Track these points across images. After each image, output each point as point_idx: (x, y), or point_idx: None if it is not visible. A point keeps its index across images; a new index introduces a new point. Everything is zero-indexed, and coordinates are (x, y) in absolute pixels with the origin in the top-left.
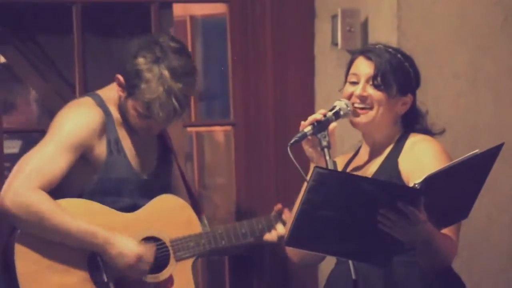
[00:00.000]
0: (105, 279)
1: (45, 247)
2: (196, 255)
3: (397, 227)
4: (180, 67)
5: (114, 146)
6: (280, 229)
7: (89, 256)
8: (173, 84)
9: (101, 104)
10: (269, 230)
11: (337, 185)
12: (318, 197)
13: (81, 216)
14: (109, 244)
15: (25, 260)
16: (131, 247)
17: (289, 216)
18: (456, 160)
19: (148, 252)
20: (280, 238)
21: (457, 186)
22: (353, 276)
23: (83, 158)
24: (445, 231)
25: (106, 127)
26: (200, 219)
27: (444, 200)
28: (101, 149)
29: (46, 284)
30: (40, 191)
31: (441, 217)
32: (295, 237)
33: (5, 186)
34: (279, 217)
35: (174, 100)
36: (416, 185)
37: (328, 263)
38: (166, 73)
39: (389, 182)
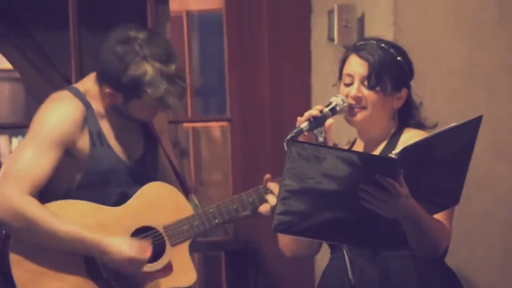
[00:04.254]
0: (105, 276)
1: (41, 253)
2: (192, 237)
3: (378, 201)
4: (163, 50)
5: (97, 138)
6: (272, 200)
7: (86, 259)
8: (169, 70)
9: (79, 96)
10: (261, 203)
11: (313, 158)
12: (297, 174)
13: (71, 217)
14: (101, 250)
15: (22, 268)
16: (123, 251)
17: (275, 185)
18: (434, 132)
19: (143, 250)
20: (273, 209)
21: (440, 164)
22: (350, 275)
23: (67, 153)
24: (436, 217)
25: (86, 119)
26: (189, 199)
27: (429, 180)
28: (84, 142)
29: None
30: (28, 196)
31: (430, 201)
32: (281, 221)
33: None
34: (268, 188)
35: (179, 82)
36: (393, 156)
37: (325, 258)
38: (158, 65)
39: (365, 153)
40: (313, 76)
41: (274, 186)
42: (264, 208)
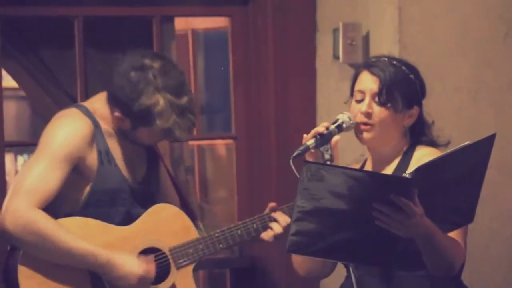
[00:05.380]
0: None
1: (48, 269)
2: (196, 260)
3: (393, 221)
4: (176, 82)
5: (105, 156)
6: (276, 228)
7: (92, 275)
8: (180, 102)
9: (88, 114)
10: (265, 229)
11: (326, 178)
12: (310, 194)
13: (78, 234)
14: (111, 266)
15: (30, 282)
16: (133, 269)
17: (279, 214)
18: (448, 150)
19: (149, 270)
20: (277, 237)
21: (454, 182)
22: None
23: (75, 170)
24: (451, 235)
25: (95, 137)
26: (194, 224)
27: (443, 199)
28: (92, 159)
29: None
30: (39, 210)
31: (445, 219)
32: (295, 242)
33: (3, 208)
34: (273, 217)
35: (189, 115)
36: (407, 175)
37: (330, 277)
38: (169, 97)
39: (379, 173)
40: (318, 93)
41: (278, 215)
42: (267, 235)
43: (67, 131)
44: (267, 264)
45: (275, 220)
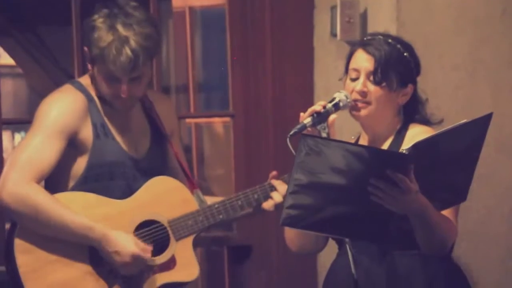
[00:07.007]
0: (109, 268)
1: (45, 242)
2: (196, 232)
3: (388, 196)
4: (134, 18)
5: (101, 129)
6: (276, 197)
7: (90, 247)
8: (124, 32)
9: (81, 89)
10: (265, 199)
11: (323, 152)
12: (307, 168)
13: (77, 208)
14: (106, 241)
15: (26, 256)
16: (128, 247)
17: (279, 183)
18: (445, 128)
19: (145, 249)
20: (277, 206)
21: (449, 160)
22: (353, 270)
23: (71, 144)
24: (443, 213)
25: (89, 111)
26: (195, 195)
27: (438, 176)
28: (86, 133)
29: (49, 280)
30: (35, 184)
31: (438, 197)
32: (289, 215)
33: (0, 181)
34: (273, 185)
35: (127, 48)
36: (405, 151)
37: (327, 254)
38: (117, 23)
39: (376, 148)
40: (316, 71)
41: (278, 184)
42: (267, 205)
43: (59, 106)
44: (265, 242)
45: (275, 189)
